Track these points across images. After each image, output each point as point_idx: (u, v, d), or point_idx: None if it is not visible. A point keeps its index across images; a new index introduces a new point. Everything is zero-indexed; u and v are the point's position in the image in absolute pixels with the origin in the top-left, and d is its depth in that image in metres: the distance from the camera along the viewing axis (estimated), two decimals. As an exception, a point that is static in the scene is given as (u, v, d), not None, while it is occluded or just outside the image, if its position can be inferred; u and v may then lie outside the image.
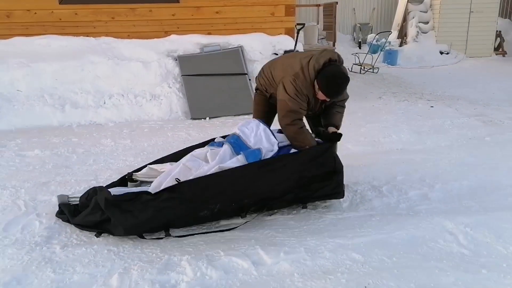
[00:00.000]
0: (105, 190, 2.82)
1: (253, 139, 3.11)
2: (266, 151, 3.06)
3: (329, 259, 2.52)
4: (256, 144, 3.08)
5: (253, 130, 3.16)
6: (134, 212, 2.70)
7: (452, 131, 5.22)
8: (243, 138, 3.13)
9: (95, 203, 2.76)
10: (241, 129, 3.19)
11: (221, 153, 3.03)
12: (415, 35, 12.49)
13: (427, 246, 2.63)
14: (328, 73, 3.01)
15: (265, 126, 3.20)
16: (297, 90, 3.06)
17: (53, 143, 4.78)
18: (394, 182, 3.64)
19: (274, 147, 3.10)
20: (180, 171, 2.96)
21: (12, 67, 5.94)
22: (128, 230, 2.74)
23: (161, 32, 6.87)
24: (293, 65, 3.14)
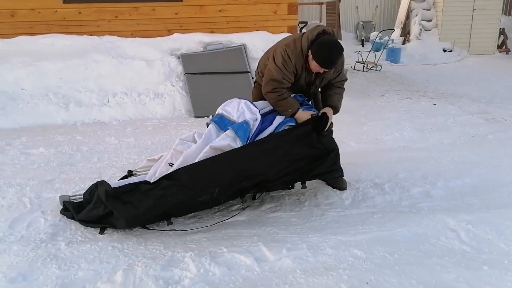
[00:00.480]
0: (105, 183, 2.86)
1: (236, 114, 3.13)
2: (251, 121, 3.06)
3: (331, 255, 2.54)
4: (240, 117, 3.09)
5: (234, 106, 3.19)
6: (134, 202, 2.74)
7: (455, 129, 5.22)
8: (226, 115, 3.17)
9: (98, 197, 2.80)
10: (224, 108, 3.24)
11: (206, 132, 3.11)
12: (418, 33, 12.46)
13: (429, 243, 2.65)
14: (322, 41, 3.01)
15: (245, 100, 3.23)
16: (284, 60, 3.09)
17: (58, 141, 4.81)
18: (396, 179, 3.66)
19: (257, 115, 3.11)
20: (172, 156, 3.10)
21: (17, 66, 5.97)
22: (130, 222, 2.78)
23: (164, 30, 6.89)
24: (286, 39, 3.23)
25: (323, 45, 3.00)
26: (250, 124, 3.02)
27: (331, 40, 3.04)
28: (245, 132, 2.97)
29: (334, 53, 3.03)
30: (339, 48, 3.03)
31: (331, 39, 3.05)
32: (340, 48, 3.04)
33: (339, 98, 3.38)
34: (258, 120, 3.09)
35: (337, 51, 3.03)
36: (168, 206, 2.83)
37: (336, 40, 3.07)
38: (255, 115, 3.11)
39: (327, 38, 3.05)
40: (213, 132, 3.09)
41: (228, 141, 2.92)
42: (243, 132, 2.97)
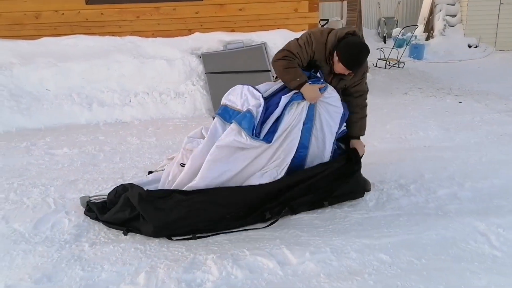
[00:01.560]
0: (137, 186, 2.86)
1: (240, 101, 3.04)
2: (254, 108, 2.93)
3: (355, 259, 2.48)
4: (244, 105, 3.00)
5: (237, 94, 3.11)
6: (166, 210, 2.73)
7: (482, 128, 5.07)
8: (230, 104, 3.08)
9: (125, 199, 2.80)
10: (227, 97, 3.17)
11: (212, 127, 3.03)
12: (442, 29, 12.21)
13: (457, 247, 2.57)
14: (350, 42, 2.94)
15: (248, 86, 3.14)
16: (307, 41, 3.01)
17: (81, 141, 4.87)
18: (422, 180, 3.57)
19: (260, 100, 2.98)
20: (183, 156, 3.07)
21: (41, 67, 6.07)
22: (158, 229, 2.74)
23: (185, 30, 6.90)
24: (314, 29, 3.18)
25: (351, 45, 2.94)
26: (253, 113, 2.90)
27: (359, 42, 2.98)
28: (249, 122, 2.86)
29: (362, 56, 2.97)
30: (367, 50, 2.97)
31: (359, 40, 3.00)
32: (368, 50, 2.98)
33: (362, 124, 3.33)
34: (262, 105, 2.95)
35: (365, 52, 2.97)
36: (198, 221, 2.80)
37: (363, 42, 3.01)
38: (258, 100, 3.00)
39: (355, 39, 2.98)
40: (219, 126, 3.02)
41: (233, 137, 2.84)
42: (247, 122, 2.87)
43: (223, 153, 2.86)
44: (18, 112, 5.62)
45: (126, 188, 2.91)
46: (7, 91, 5.76)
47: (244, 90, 3.09)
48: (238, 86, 3.20)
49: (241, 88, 3.14)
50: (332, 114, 3.14)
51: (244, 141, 2.83)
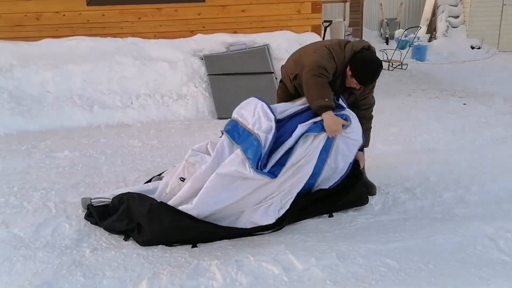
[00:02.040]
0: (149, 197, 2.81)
1: (251, 119, 2.85)
2: (265, 133, 2.72)
3: (362, 265, 2.43)
4: (255, 124, 2.79)
5: (250, 110, 2.92)
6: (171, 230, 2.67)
7: (487, 130, 5.02)
8: (241, 121, 2.91)
9: (124, 210, 2.75)
10: (239, 112, 3.01)
11: (219, 146, 2.87)
12: (445, 30, 12.16)
13: (465, 253, 2.52)
14: (365, 57, 2.91)
15: (263, 103, 2.91)
16: (330, 56, 2.91)
17: (82, 144, 4.82)
18: (428, 183, 3.52)
19: (273, 124, 2.76)
20: (184, 168, 2.94)
21: (42, 69, 6.03)
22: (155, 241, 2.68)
23: (187, 31, 6.86)
24: (325, 41, 3.12)
25: (366, 61, 2.89)
26: (261, 141, 2.69)
27: (374, 58, 2.93)
28: (255, 152, 2.66)
29: (376, 71, 2.94)
30: (381, 67, 2.96)
31: (373, 56, 2.94)
32: (381, 67, 2.97)
33: (367, 136, 3.29)
34: (273, 131, 2.74)
35: (379, 69, 2.95)
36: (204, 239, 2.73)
37: (377, 58, 2.96)
38: (271, 122, 2.78)
39: (370, 55, 2.93)
40: (226, 146, 2.85)
41: (235, 167, 2.66)
42: (253, 152, 2.67)
43: (224, 181, 2.71)
44: (19, 114, 5.59)
45: (133, 197, 2.83)
46: (8, 93, 5.72)
47: (258, 108, 2.88)
48: (253, 100, 3.00)
49: (255, 103, 2.94)
50: (351, 146, 3.00)
51: (247, 174, 2.66)
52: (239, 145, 2.77)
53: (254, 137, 2.73)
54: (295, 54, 3.29)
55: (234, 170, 2.65)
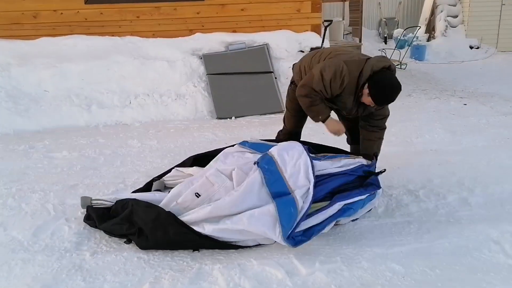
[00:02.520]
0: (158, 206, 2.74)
1: (290, 170, 2.68)
2: (301, 199, 2.55)
3: (367, 269, 2.40)
4: (291, 177, 2.63)
5: (293, 157, 2.74)
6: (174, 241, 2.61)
7: (489, 131, 4.99)
8: (279, 164, 2.71)
9: (127, 214, 2.70)
10: (280, 153, 2.78)
11: (250, 181, 2.64)
12: (443, 29, 12.12)
13: (471, 257, 2.49)
14: (385, 79, 2.83)
15: (307, 157, 2.74)
16: (335, 77, 2.87)
17: (81, 144, 4.77)
18: (431, 185, 3.48)
19: (310, 185, 2.62)
20: (202, 185, 2.80)
21: (39, 68, 5.97)
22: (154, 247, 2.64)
23: (186, 30, 6.81)
24: (352, 54, 2.97)
25: (385, 84, 2.83)
26: (298, 208, 2.49)
27: (394, 80, 2.86)
28: (289, 220, 2.45)
29: (394, 95, 2.88)
30: (399, 90, 2.87)
31: (394, 78, 2.87)
32: (400, 89, 2.88)
33: (378, 145, 3.24)
34: (310, 196, 2.58)
35: (397, 92, 2.88)
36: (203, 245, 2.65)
37: (398, 81, 2.88)
38: (308, 184, 2.62)
39: (390, 76, 2.86)
40: (256, 184, 2.62)
41: (265, 228, 2.46)
42: (288, 220, 2.45)
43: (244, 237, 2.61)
44: (16, 113, 5.52)
45: (139, 204, 2.75)
46: (5, 92, 5.66)
47: (301, 160, 2.72)
48: (297, 146, 2.86)
49: (299, 153, 2.78)
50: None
51: (275, 238, 2.48)
52: (274, 200, 2.56)
53: (292, 200, 2.53)
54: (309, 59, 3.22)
55: (262, 231, 2.49)
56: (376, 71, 2.83)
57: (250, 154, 3.01)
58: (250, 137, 3.29)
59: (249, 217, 2.51)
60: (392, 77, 2.87)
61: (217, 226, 2.57)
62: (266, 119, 5.82)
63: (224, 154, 3.12)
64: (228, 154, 3.10)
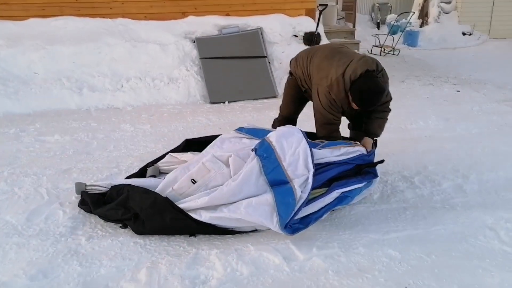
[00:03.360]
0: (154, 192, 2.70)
1: (288, 158, 2.63)
2: (299, 189, 2.52)
3: (364, 255, 2.41)
4: (290, 165, 2.59)
5: (292, 145, 2.68)
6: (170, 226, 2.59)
7: (482, 118, 5.02)
8: (278, 152, 2.65)
9: (122, 200, 2.67)
10: (279, 140, 2.70)
11: (247, 170, 2.59)
12: (436, 16, 12.09)
13: (467, 243, 2.52)
14: (362, 87, 2.84)
15: (306, 145, 2.68)
16: (330, 103, 2.98)
17: (73, 127, 4.70)
18: (426, 172, 3.50)
19: (309, 175, 2.58)
20: (198, 171, 2.75)
21: (29, 50, 5.84)
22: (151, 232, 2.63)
23: (179, 13, 6.69)
24: (329, 73, 2.97)
25: (363, 91, 2.85)
26: (296, 198, 2.47)
27: (371, 85, 2.85)
28: (287, 209, 2.43)
29: (373, 100, 2.90)
30: (379, 93, 2.87)
31: (371, 83, 2.86)
32: (380, 92, 2.88)
33: (380, 124, 3.21)
34: (309, 185, 2.55)
35: (379, 95, 2.88)
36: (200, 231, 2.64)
37: (376, 84, 2.87)
38: (307, 173, 2.59)
39: (367, 82, 2.85)
40: (254, 173, 2.57)
41: (262, 218, 2.45)
42: (286, 211, 2.43)
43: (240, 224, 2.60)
44: (6, 96, 5.41)
45: (135, 190, 2.72)
46: (-6, 74, 5.54)
47: (300, 149, 2.66)
48: (297, 133, 2.78)
49: (298, 140, 2.72)
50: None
51: (272, 227, 2.47)
52: (272, 189, 2.55)
53: (290, 189, 2.51)
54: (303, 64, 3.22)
55: (260, 220, 2.47)
56: (355, 80, 2.86)
57: (247, 140, 2.99)
58: (247, 123, 3.24)
59: (247, 206, 2.49)
60: (371, 82, 2.87)
61: (214, 214, 2.55)
62: (259, 104, 5.78)
63: (221, 139, 3.09)
64: (224, 139, 3.07)
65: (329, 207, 2.66)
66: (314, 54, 3.19)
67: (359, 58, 2.95)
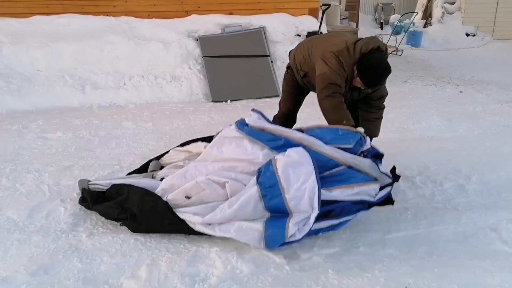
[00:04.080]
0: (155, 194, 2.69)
1: (293, 192, 2.38)
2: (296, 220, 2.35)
3: (365, 254, 2.41)
4: (293, 199, 2.37)
5: (299, 178, 2.39)
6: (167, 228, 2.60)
7: (484, 118, 5.00)
8: (282, 183, 2.40)
9: (120, 200, 2.66)
10: (286, 170, 2.42)
11: (245, 199, 2.45)
12: (440, 16, 12.08)
13: (468, 243, 2.51)
14: (373, 60, 2.80)
15: (315, 183, 2.37)
16: (340, 66, 2.83)
17: (75, 125, 4.71)
18: (428, 172, 3.49)
19: (312, 214, 2.36)
20: (193, 188, 2.64)
21: (32, 47, 5.86)
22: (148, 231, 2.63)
23: (182, 11, 6.69)
24: (338, 43, 2.92)
25: (375, 66, 2.80)
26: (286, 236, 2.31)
27: (382, 61, 2.83)
28: (273, 243, 2.33)
29: (382, 77, 2.87)
30: (388, 71, 2.84)
31: (382, 59, 2.84)
32: (389, 70, 2.85)
33: (377, 125, 3.20)
34: (306, 228, 2.34)
35: (385, 75, 2.85)
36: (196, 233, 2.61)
37: (387, 62, 2.85)
38: (310, 212, 2.36)
39: (379, 57, 2.82)
40: (252, 201, 2.44)
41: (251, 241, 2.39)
42: (272, 241, 2.33)
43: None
44: (8, 93, 5.43)
45: (136, 191, 2.70)
46: (-3, 71, 5.55)
47: (308, 184, 2.37)
48: (307, 164, 2.43)
49: (308, 174, 2.40)
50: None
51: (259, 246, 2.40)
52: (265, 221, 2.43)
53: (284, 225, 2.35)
54: (304, 48, 3.18)
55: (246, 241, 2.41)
56: (365, 53, 2.81)
57: (248, 144, 2.76)
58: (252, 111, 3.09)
59: (237, 230, 2.42)
60: (381, 58, 2.85)
61: (206, 229, 2.51)
62: (261, 103, 5.77)
63: (221, 138, 2.99)
64: (225, 138, 2.95)
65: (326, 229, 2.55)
66: (316, 37, 3.19)
67: (369, 38, 2.93)
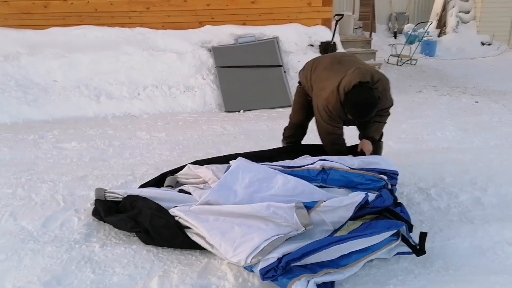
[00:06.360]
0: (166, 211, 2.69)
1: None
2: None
3: (380, 268, 2.37)
4: None
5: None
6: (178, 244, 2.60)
7: (501, 129, 4.92)
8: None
9: (134, 215, 2.67)
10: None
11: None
12: (455, 25, 11.99)
13: (485, 258, 2.46)
14: (353, 98, 2.93)
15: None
16: (329, 116, 3.08)
17: (90, 135, 4.76)
18: (443, 184, 3.44)
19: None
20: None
21: (49, 58, 5.96)
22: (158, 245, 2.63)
23: (196, 22, 6.76)
24: (326, 85, 3.06)
25: (354, 104, 2.94)
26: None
27: (361, 99, 2.91)
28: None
29: (364, 113, 2.98)
30: (370, 106, 2.92)
31: (361, 97, 2.90)
32: (371, 104, 2.92)
33: (377, 128, 3.29)
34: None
35: (367, 110, 2.94)
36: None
37: (368, 96, 2.90)
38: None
39: (358, 95, 2.90)
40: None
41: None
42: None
43: None
44: (25, 103, 5.53)
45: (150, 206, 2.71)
46: (14, 81, 5.66)
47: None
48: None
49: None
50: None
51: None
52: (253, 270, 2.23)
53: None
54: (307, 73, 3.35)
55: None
56: (348, 92, 2.92)
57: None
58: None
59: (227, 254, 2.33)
60: (362, 94, 2.90)
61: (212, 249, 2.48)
62: (274, 113, 5.77)
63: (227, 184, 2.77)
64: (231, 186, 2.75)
65: None
66: (317, 65, 3.28)
67: (353, 70, 2.98)
